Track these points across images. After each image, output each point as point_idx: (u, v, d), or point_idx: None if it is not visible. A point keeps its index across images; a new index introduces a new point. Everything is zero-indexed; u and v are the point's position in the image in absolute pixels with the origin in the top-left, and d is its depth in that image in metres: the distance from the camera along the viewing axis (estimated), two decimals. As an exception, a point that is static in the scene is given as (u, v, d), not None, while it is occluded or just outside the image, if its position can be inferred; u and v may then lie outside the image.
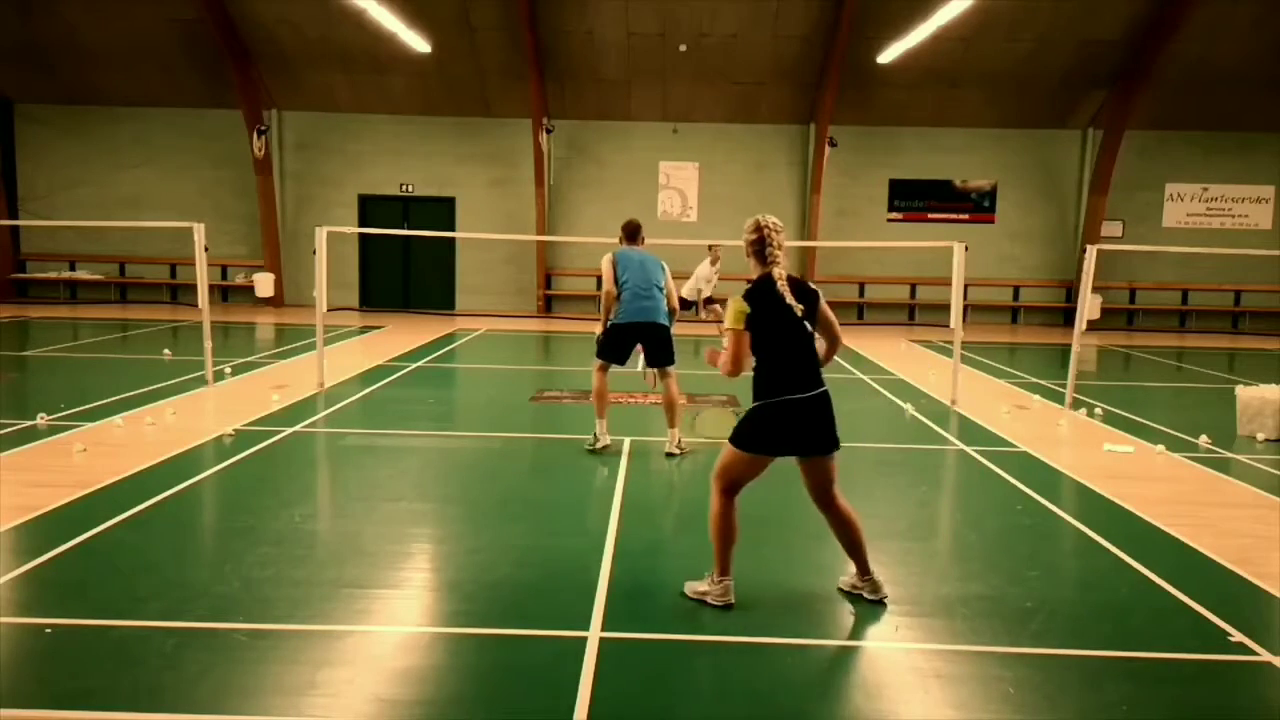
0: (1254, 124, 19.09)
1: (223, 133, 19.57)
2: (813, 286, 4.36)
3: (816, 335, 4.35)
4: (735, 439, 4.29)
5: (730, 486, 4.32)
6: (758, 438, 4.22)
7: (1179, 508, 6.15)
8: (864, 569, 4.48)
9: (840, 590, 4.55)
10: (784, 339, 4.20)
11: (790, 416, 4.17)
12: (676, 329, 7.59)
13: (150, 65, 18.76)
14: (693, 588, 4.44)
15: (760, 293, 4.22)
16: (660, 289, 7.32)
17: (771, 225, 4.31)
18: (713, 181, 19.88)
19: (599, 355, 7.44)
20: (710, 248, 14.65)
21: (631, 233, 7.56)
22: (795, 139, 19.85)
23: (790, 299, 4.19)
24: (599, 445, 7.39)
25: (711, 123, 19.75)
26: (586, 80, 18.98)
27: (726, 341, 4.25)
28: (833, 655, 3.93)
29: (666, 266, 7.52)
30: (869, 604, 4.54)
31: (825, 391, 4.26)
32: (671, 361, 7.41)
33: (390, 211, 20.07)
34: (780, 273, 4.24)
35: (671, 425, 7.42)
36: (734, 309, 4.19)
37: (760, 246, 4.29)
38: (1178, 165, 19.66)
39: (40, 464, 6.60)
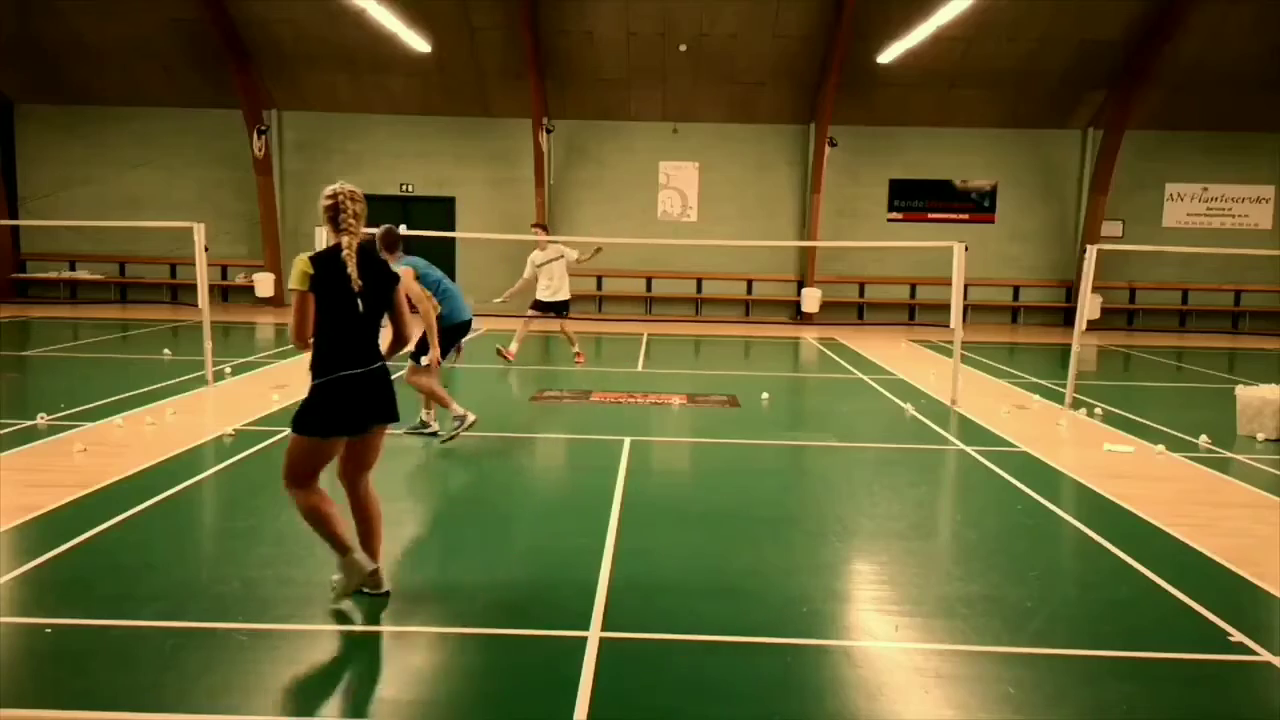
0: (1254, 124, 19.08)
1: (223, 133, 19.56)
2: (394, 270, 4.25)
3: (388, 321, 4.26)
4: (297, 425, 4.11)
5: (300, 481, 4.14)
6: (321, 420, 4.07)
7: (1179, 508, 6.15)
8: (373, 558, 4.32)
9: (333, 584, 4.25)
10: (341, 313, 4.05)
11: (349, 393, 4.07)
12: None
13: (150, 65, 18.76)
14: (335, 584, 4.24)
15: (326, 259, 4.03)
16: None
17: (348, 193, 4.10)
18: (713, 181, 19.88)
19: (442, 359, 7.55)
20: (535, 228, 13.70)
21: (391, 243, 7.20)
22: (795, 139, 19.85)
23: (353, 272, 4.00)
24: (467, 424, 7.41)
25: (711, 123, 19.75)
26: (586, 80, 18.98)
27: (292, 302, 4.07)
28: (833, 655, 3.93)
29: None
30: (869, 605, 4.54)
31: (383, 366, 4.22)
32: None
33: (390, 211, 20.03)
34: (350, 242, 4.04)
35: (428, 407, 7.83)
36: (298, 268, 4.00)
37: (334, 213, 4.08)
38: (1178, 165, 19.66)
39: (40, 464, 6.60)
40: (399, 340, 4.41)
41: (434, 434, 7.76)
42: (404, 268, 7.14)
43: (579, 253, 13.03)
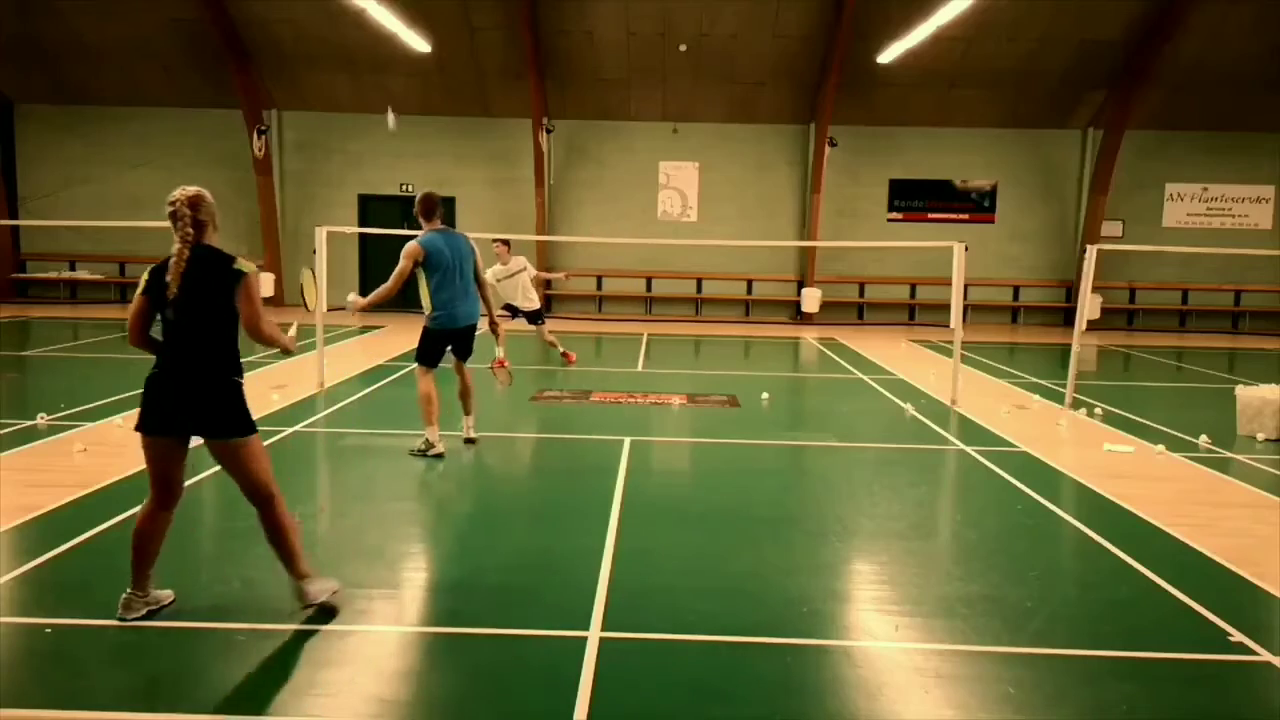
0: (1254, 124, 19.09)
1: (223, 133, 19.56)
2: (232, 270, 4.01)
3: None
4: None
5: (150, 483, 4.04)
6: (140, 415, 4.00)
7: (1179, 508, 6.15)
8: (294, 573, 4.15)
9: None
10: (162, 318, 4.01)
11: (153, 393, 3.96)
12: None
13: (150, 65, 18.76)
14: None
15: (159, 268, 4.02)
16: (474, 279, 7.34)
17: (184, 199, 4.07)
18: (713, 181, 19.88)
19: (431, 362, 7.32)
20: (496, 244, 12.88)
21: (427, 210, 7.29)
22: (795, 139, 19.85)
23: (170, 279, 3.92)
24: (432, 451, 7.08)
25: (711, 123, 19.75)
26: (586, 80, 18.98)
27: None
28: (833, 655, 3.93)
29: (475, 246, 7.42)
30: (869, 605, 4.54)
31: (196, 375, 3.96)
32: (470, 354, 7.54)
33: (390, 211, 20.06)
34: (180, 250, 3.96)
35: (467, 413, 7.57)
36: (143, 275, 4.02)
37: (171, 220, 4.06)
38: (1178, 165, 19.66)
39: (40, 464, 6.60)
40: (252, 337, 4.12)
41: (470, 440, 7.53)
42: (412, 243, 7.19)
43: (539, 271, 13.37)
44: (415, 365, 7.45)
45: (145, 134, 19.83)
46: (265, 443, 7.28)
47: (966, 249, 9.99)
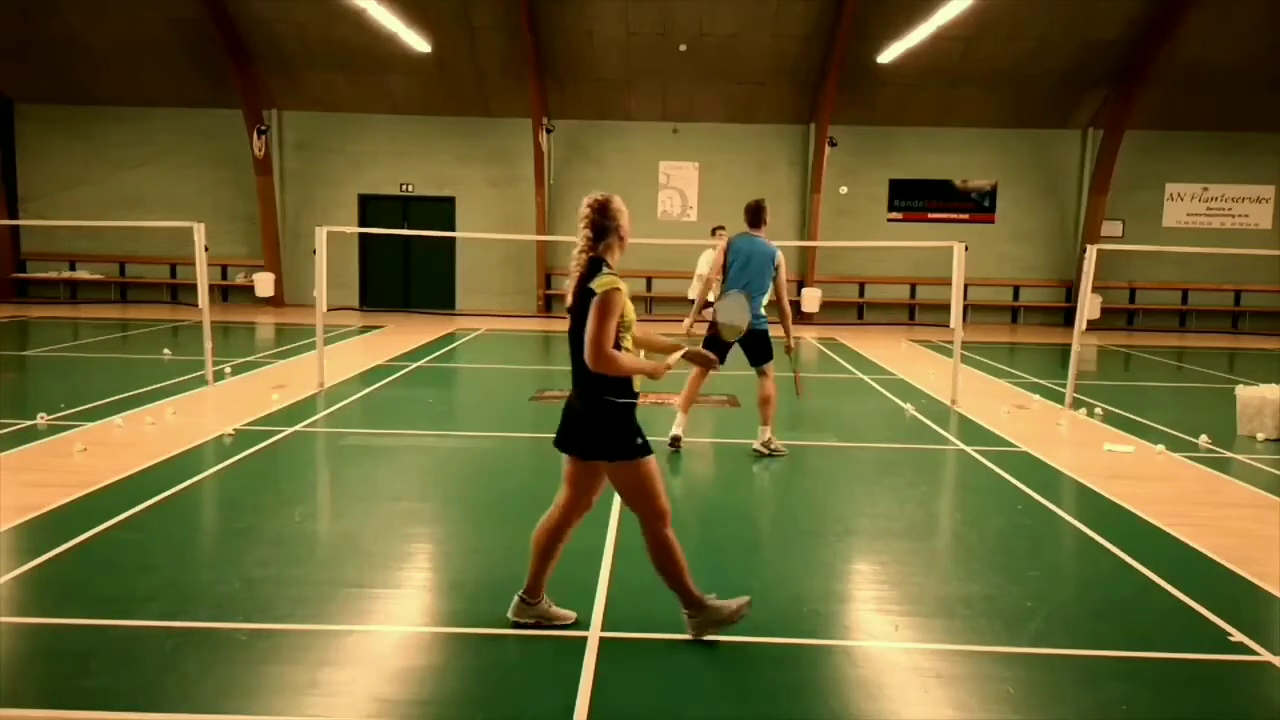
0: (1254, 124, 19.08)
1: (223, 132, 19.57)
2: (591, 286, 3.73)
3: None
4: (637, 450, 3.84)
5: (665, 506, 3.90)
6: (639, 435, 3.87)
7: (1179, 507, 6.15)
8: (689, 602, 4.00)
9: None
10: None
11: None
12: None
13: (150, 65, 18.75)
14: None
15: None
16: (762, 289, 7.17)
17: (590, 203, 4.00)
18: (713, 181, 19.88)
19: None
20: (714, 233, 13.59)
21: (753, 218, 7.31)
22: (795, 139, 19.85)
23: (569, 286, 3.89)
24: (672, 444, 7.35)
25: (711, 123, 19.75)
26: (586, 80, 18.98)
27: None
28: (833, 655, 3.93)
29: (780, 257, 7.26)
30: (869, 605, 4.54)
31: (579, 395, 3.90)
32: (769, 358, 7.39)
33: (390, 211, 20.07)
34: (580, 257, 3.90)
35: (764, 422, 7.39)
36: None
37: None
38: (1178, 165, 19.66)
39: (40, 464, 6.59)
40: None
41: (772, 453, 7.32)
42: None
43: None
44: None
45: (145, 134, 19.83)
46: (264, 443, 7.34)
47: (966, 249, 9.99)
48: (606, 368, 3.71)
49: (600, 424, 3.82)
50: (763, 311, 7.42)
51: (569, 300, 3.84)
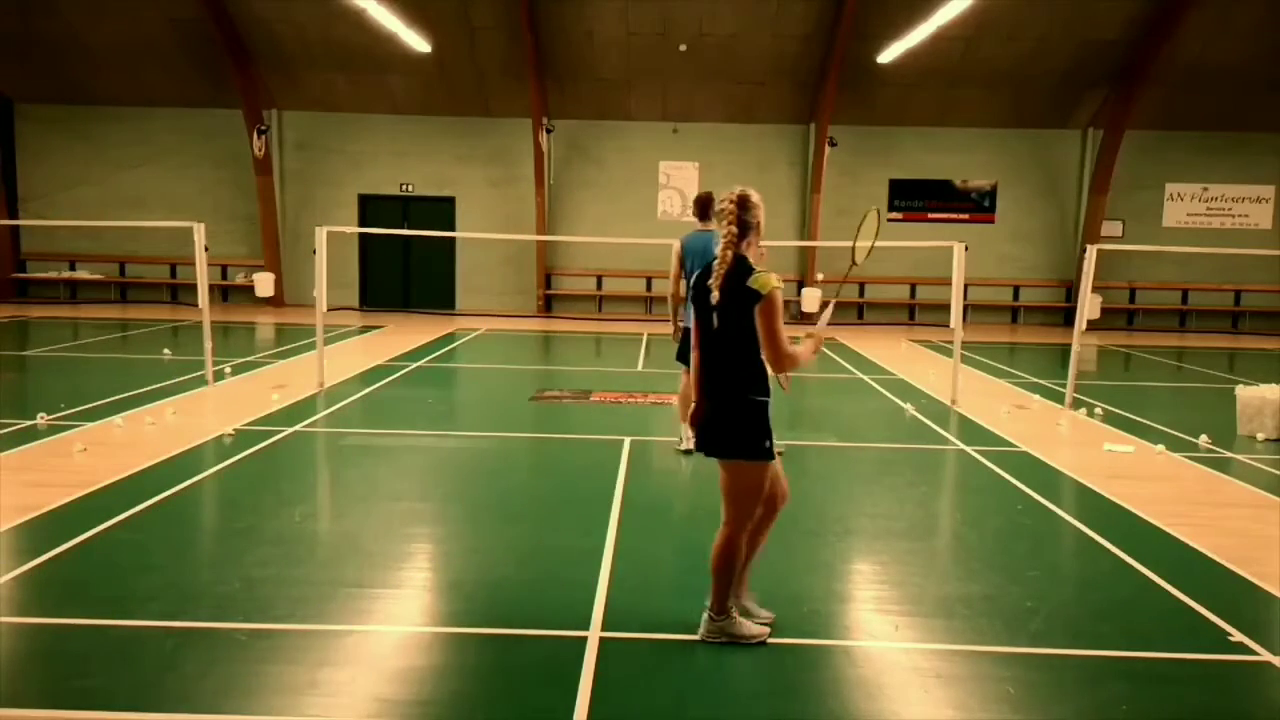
0: (1254, 124, 19.08)
1: (223, 132, 19.56)
2: (750, 286, 3.67)
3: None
4: (765, 453, 3.78)
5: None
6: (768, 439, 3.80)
7: (1179, 507, 6.15)
8: (719, 606, 3.95)
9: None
10: (700, 328, 3.88)
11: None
12: None
13: (150, 65, 18.75)
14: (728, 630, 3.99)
15: (702, 274, 3.86)
16: None
17: (727, 196, 3.88)
18: (713, 181, 19.82)
19: (679, 358, 7.06)
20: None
21: (704, 209, 6.97)
22: (795, 139, 19.85)
23: (714, 283, 3.78)
24: (682, 447, 7.30)
25: (711, 123, 19.75)
26: (586, 80, 18.98)
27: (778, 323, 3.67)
28: (833, 655, 3.93)
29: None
30: (869, 605, 4.54)
31: (716, 396, 3.82)
32: None
33: (390, 211, 20.07)
34: (722, 252, 3.80)
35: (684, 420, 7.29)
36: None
37: (716, 219, 3.93)
38: (1178, 165, 19.66)
39: (40, 464, 6.59)
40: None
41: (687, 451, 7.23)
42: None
43: None
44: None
45: (145, 134, 19.83)
46: (264, 443, 7.34)
47: (966, 249, 9.99)
48: (791, 364, 3.74)
49: (742, 422, 3.76)
50: None
51: (716, 298, 3.72)
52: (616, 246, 19.29)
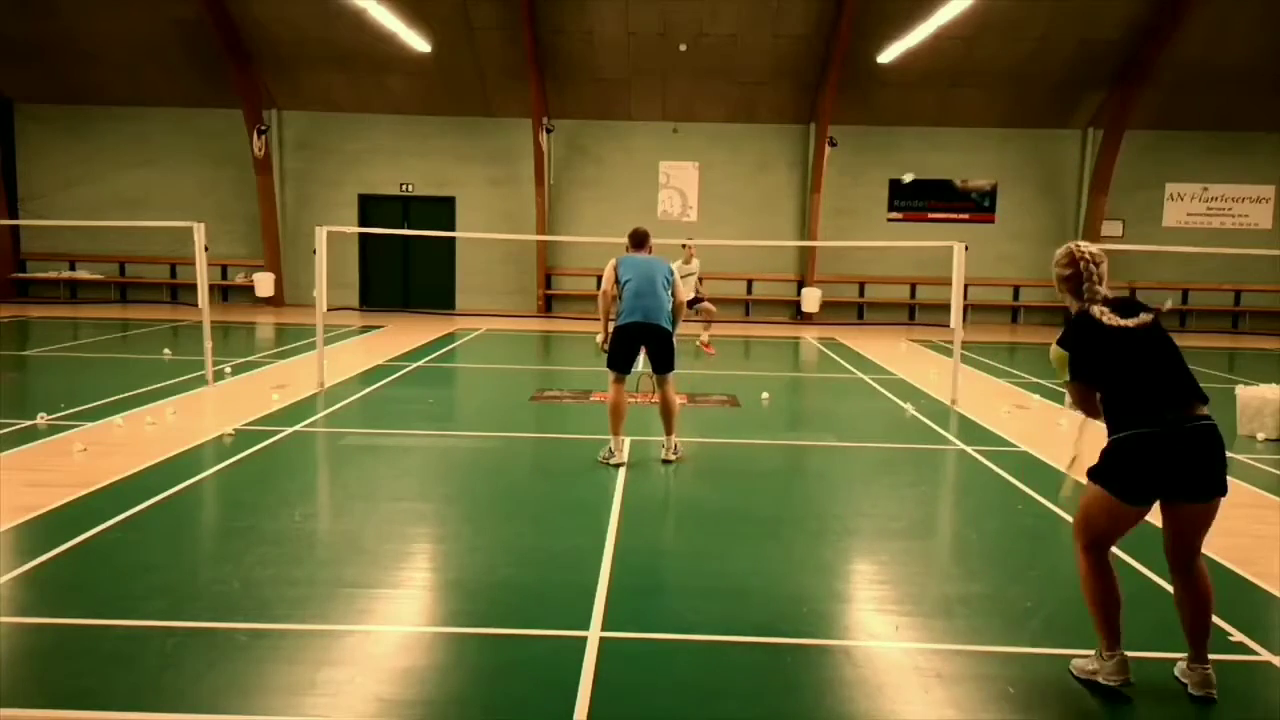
0: (1254, 124, 19.09)
1: (223, 132, 19.57)
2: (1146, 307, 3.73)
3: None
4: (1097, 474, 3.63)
5: (1093, 541, 3.63)
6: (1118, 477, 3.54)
7: (1179, 508, 6.14)
8: (1199, 654, 3.60)
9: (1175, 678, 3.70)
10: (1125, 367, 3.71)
11: (1151, 454, 3.50)
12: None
13: (150, 65, 18.76)
14: (1080, 667, 3.72)
15: (1080, 330, 3.78)
16: (665, 289, 7.07)
17: (1089, 256, 3.84)
18: (713, 181, 19.88)
19: (609, 366, 7.10)
20: (684, 246, 13.95)
21: (639, 241, 7.49)
22: (795, 139, 19.85)
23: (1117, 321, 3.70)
24: (613, 460, 6.98)
25: (711, 123, 19.75)
26: (586, 80, 18.98)
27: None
28: (833, 655, 3.93)
29: (674, 269, 7.34)
30: (869, 605, 4.54)
31: (1203, 424, 3.56)
32: (671, 368, 7.14)
33: (390, 211, 20.08)
34: (1100, 309, 3.75)
35: (669, 432, 7.18)
36: (1057, 356, 3.84)
37: (1076, 282, 3.87)
38: (1178, 165, 19.66)
39: (40, 464, 6.59)
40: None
41: (665, 461, 7.13)
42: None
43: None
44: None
45: (145, 134, 19.83)
46: (264, 443, 7.34)
47: (966, 249, 9.99)
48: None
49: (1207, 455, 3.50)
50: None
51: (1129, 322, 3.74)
52: (617, 246, 19.25)
